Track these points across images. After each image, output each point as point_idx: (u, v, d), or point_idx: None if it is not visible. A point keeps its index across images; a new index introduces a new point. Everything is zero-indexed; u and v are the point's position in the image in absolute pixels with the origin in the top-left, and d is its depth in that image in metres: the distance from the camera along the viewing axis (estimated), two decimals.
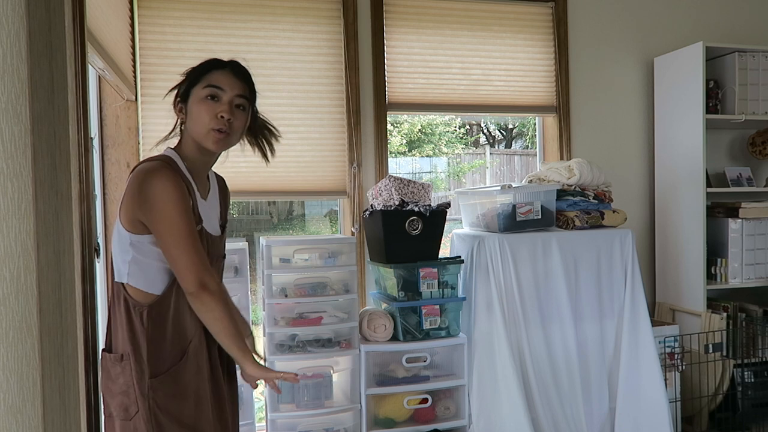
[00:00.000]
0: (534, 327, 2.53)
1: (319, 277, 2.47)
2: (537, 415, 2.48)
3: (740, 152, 3.51)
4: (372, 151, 2.95)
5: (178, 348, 1.46)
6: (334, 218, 4.29)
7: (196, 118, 1.45)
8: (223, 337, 1.42)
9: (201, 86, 1.45)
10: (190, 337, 1.49)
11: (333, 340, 2.46)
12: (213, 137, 1.44)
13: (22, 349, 0.98)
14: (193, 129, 1.46)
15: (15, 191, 0.97)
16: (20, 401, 0.97)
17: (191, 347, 1.48)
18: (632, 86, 3.35)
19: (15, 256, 0.96)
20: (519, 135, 8.02)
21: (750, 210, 3.10)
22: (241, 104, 1.48)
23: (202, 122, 1.44)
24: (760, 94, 3.15)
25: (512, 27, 3.15)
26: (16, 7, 0.98)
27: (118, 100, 2.55)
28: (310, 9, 2.87)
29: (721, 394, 2.93)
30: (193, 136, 1.47)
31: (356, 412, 2.45)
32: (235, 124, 1.46)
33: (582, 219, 2.65)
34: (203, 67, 1.49)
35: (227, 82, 1.46)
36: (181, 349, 1.47)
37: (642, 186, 3.38)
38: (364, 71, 2.93)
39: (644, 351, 2.60)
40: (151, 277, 1.42)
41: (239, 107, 1.48)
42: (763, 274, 3.15)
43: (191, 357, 1.48)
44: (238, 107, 1.47)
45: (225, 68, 1.48)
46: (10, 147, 0.95)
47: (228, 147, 1.51)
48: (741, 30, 3.49)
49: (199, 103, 1.45)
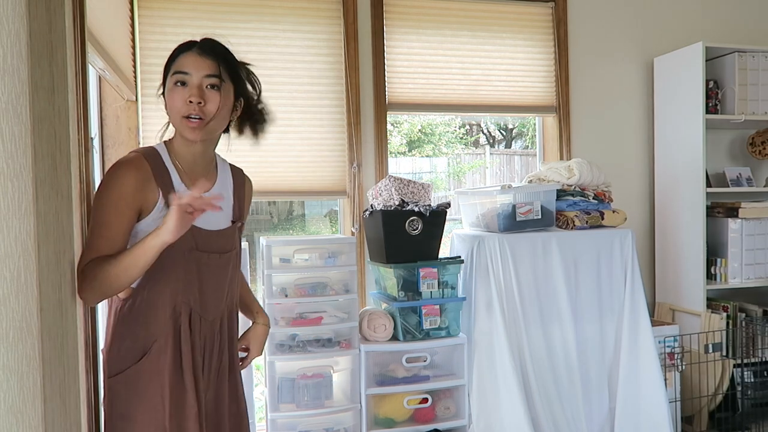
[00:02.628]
0: (534, 327, 2.53)
1: (319, 277, 2.47)
2: (537, 414, 2.48)
3: (740, 152, 3.51)
4: (372, 151, 2.95)
5: (140, 346, 1.35)
6: (334, 218, 4.29)
7: (170, 108, 1.37)
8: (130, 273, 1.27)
9: (170, 75, 1.37)
10: (155, 336, 1.36)
11: (333, 340, 2.46)
12: (185, 125, 1.35)
13: (22, 349, 0.98)
14: (172, 121, 1.40)
15: (15, 191, 0.97)
16: (20, 401, 0.97)
17: (154, 347, 1.35)
18: (632, 86, 3.35)
19: (15, 256, 0.96)
20: (519, 135, 8.02)
21: (750, 210, 3.11)
22: (213, 84, 1.35)
23: (175, 111, 1.36)
24: (759, 94, 3.15)
25: (512, 27, 3.15)
26: (16, 7, 0.98)
27: (119, 100, 2.55)
28: (310, 9, 2.87)
29: (720, 394, 2.93)
30: (174, 128, 1.41)
31: (356, 412, 2.45)
32: (209, 107, 1.35)
33: (582, 219, 2.65)
34: (172, 54, 1.40)
35: (193, 64, 1.35)
36: (143, 347, 1.35)
37: (642, 186, 3.38)
38: (364, 71, 2.93)
39: (644, 351, 2.60)
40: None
41: (212, 87, 1.35)
42: (763, 274, 3.15)
43: (152, 358, 1.35)
44: (211, 88, 1.35)
45: (191, 49, 1.37)
46: (10, 147, 0.96)
47: (211, 134, 1.41)
48: (741, 30, 3.49)
49: (169, 92, 1.37)
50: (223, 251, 1.47)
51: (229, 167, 1.58)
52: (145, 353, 1.35)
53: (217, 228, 1.46)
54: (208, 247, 1.43)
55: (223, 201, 1.42)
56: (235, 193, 1.55)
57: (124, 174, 1.32)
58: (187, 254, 1.38)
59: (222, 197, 1.40)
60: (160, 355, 1.35)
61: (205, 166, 1.47)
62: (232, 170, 1.58)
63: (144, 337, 1.35)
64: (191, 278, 1.39)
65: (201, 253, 1.41)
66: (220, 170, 1.52)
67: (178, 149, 1.42)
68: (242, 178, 1.61)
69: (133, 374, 1.35)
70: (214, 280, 1.45)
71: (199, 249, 1.40)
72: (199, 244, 1.40)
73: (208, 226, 1.43)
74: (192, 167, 1.43)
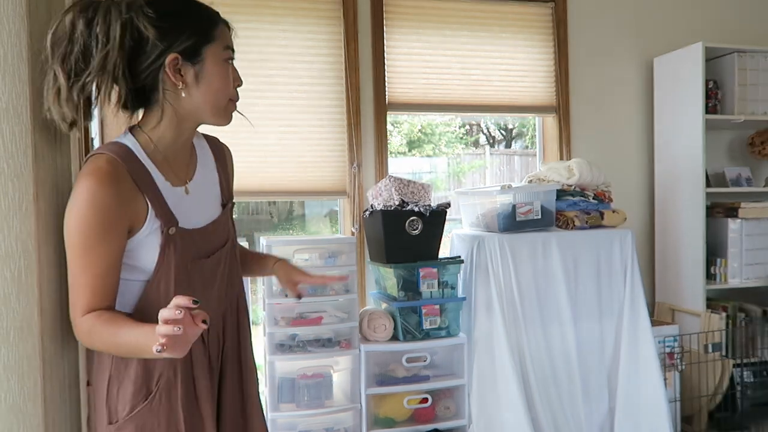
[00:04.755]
0: (534, 327, 2.54)
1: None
2: (537, 414, 2.48)
3: (740, 152, 3.51)
4: (372, 151, 2.95)
5: (144, 386, 1.13)
6: (334, 218, 4.29)
7: (217, 86, 1.13)
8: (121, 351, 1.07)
9: (219, 45, 1.14)
10: (158, 372, 1.14)
11: (333, 340, 2.46)
12: (229, 111, 1.18)
13: (23, 348, 0.98)
14: (200, 100, 1.13)
15: (16, 191, 0.97)
16: (21, 401, 0.97)
17: (160, 384, 1.14)
18: (632, 86, 3.35)
19: (16, 256, 0.96)
20: (519, 135, 8.02)
21: (749, 210, 3.11)
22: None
23: (223, 93, 1.15)
24: (759, 95, 3.15)
25: (512, 27, 3.15)
26: (16, 8, 0.98)
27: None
28: (310, 9, 2.87)
29: (720, 394, 2.93)
30: (192, 109, 1.14)
31: (356, 412, 2.45)
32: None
33: (582, 219, 2.65)
34: (214, 18, 1.15)
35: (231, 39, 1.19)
36: (146, 387, 1.13)
37: (642, 186, 3.38)
38: (364, 71, 2.93)
39: (644, 351, 2.60)
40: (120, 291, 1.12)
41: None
42: (763, 274, 3.15)
43: (161, 398, 1.14)
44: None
45: (223, 21, 1.18)
46: (11, 147, 0.96)
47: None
48: (741, 30, 3.49)
49: (221, 66, 1.14)
50: (215, 249, 1.23)
51: (204, 140, 1.31)
52: (149, 393, 1.14)
53: (207, 221, 1.22)
54: (207, 245, 1.21)
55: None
56: (218, 168, 1.30)
57: (99, 191, 1.03)
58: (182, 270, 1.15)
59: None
60: (170, 392, 1.15)
61: (185, 154, 1.22)
62: (208, 142, 1.32)
63: (146, 374, 1.14)
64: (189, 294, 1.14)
65: (194, 262, 1.17)
66: (197, 148, 1.27)
67: (164, 140, 1.15)
68: (221, 148, 1.34)
69: (140, 418, 1.13)
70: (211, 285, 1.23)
71: (186, 252, 1.15)
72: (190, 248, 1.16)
73: (196, 223, 1.19)
74: (172, 156, 1.18)
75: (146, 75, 1.10)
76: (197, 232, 1.18)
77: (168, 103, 1.12)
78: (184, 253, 1.14)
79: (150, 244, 1.11)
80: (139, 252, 1.11)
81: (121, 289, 1.12)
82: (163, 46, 1.08)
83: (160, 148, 1.15)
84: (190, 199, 1.19)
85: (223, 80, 1.14)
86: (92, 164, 1.06)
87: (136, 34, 1.06)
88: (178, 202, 1.16)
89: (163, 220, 1.11)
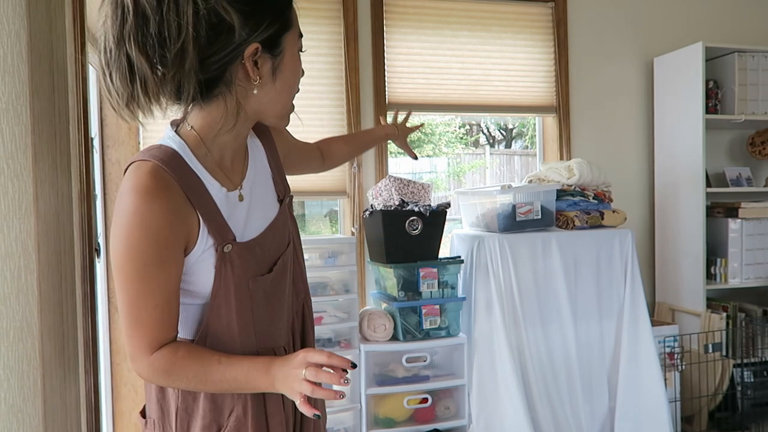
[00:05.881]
0: (534, 327, 2.54)
1: (319, 277, 2.47)
2: (537, 414, 2.48)
3: (740, 152, 3.51)
4: (372, 151, 2.95)
5: (213, 422, 1.00)
6: (334, 218, 4.29)
7: (291, 82, 0.98)
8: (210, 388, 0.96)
9: (295, 33, 0.98)
10: (229, 407, 1.00)
11: (333, 339, 2.46)
12: (292, 110, 1.03)
13: (22, 348, 0.98)
14: (271, 98, 0.96)
15: (16, 191, 0.97)
16: (21, 401, 0.97)
17: (231, 421, 1.00)
18: (632, 86, 3.35)
19: (16, 256, 0.96)
20: (519, 135, 8.02)
21: (749, 210, 3.11)
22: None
23: (295, 89, 1.00)
24: (759, 94, 3.15)
25: (512, 27, 3.15)
26: (16, 8, 0.98)
27: None
28: (310, 9, 2.87)
29: (720, 394, 2.93)
30: (260, 107, 0.97)
31: (356, 412, 2.45)
32: None
33: (582, 219, 2.65)
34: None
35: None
36: (217, 424, 1.00)
37: (642, 186, 3.38)
38: (364, 71, 2.93)
39: (644, 351, 2.60)
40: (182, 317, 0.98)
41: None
42: (763, 274, 3.15)
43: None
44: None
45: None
46: (10, 147, 0.96)
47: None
48: (741, 30, 3.49)
49: (296, 58, 0.98)
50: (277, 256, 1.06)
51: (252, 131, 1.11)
52: (220, 428, 1.00)
53: (265, 225, 1.04)
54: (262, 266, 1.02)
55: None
56: (269, 159, 1.11)
57: (148, 210, 0.88)
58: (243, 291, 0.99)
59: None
60: (240, 428, 1.01)
61: (241, 152, 1.05)
62: (255, 131, 1.12)
63: (215, 409, 1.00)
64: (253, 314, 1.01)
65: (255, 280, 1.01)
66: (249, 140, 1.09)
67: (216, 137, 0.97)
68: (268, 133, 1.15)
69: None
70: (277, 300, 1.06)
71: (253, 276, 1.00)
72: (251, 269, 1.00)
73: (254, 231, 1.02)
74: (229, 159, 1.01)
75: (217, 67, 0.88)
76: (256, 243, 1.01)
77: (235, 99, 0.93)
78: (243, 272, 0.98)
79: (204, 265, 0.96)
80: (193, 274, 0.96)
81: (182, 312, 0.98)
82: (245, 35, 0.87)
83: (215, 150, 0.98)
84: (244, 205, 1.02)
85: (296, 76, 0.99)
86: (135, 176, 0.89)
87: (214, 19, 0.85)
88: (233, 211, 0.99)
89: (217, 237, 0.95)
